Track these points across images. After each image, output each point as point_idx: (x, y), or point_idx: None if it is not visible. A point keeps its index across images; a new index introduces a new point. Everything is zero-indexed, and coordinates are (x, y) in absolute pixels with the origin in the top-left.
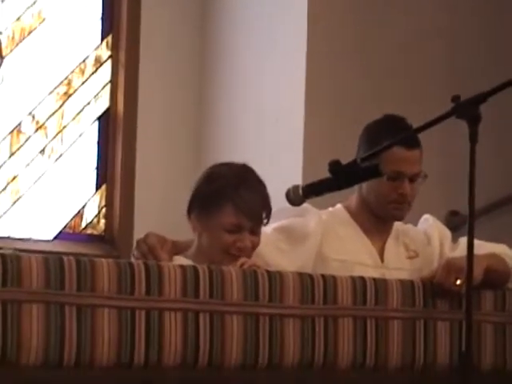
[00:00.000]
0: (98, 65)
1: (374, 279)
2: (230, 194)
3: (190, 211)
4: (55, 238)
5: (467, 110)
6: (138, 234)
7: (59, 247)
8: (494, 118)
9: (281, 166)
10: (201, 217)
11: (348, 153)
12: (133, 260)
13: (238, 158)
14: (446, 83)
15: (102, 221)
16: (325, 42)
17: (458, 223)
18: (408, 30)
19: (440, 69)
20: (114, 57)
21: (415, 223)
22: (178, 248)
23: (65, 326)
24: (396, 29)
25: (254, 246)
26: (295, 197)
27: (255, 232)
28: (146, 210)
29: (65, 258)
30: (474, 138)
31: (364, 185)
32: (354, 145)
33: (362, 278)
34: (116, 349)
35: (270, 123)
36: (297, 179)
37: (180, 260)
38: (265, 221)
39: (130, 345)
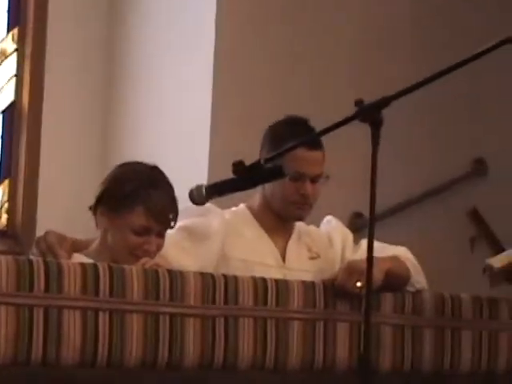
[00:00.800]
0: (3, 57)
1: (276, 280)
2: (141, 197)
3: (96, 207)
4: None
5: (370, 113)
6: (41, 229)
7: None
8: (397, 121)
9: (186, 165)
10: (108, 214)
11: (256, 153)
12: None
13: (143, 155)
14: (348, 84)
15: (5, 216)
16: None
17: (361, 225)
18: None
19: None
20: (19, 50)
21: (318, 224)
22: (77, 246)
23: None
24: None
25: (159, 248)
26: (198, 196)
27: (161, 235)
28: (50, 205)
29: None
30: (376, 141)
31: (267, 185)
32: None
33: (264, 279)
34: (13, 347)
35: (176, 121)
36: (202, 179)
37: (80, 258)
38: (172, 223)
39: (27, 343)
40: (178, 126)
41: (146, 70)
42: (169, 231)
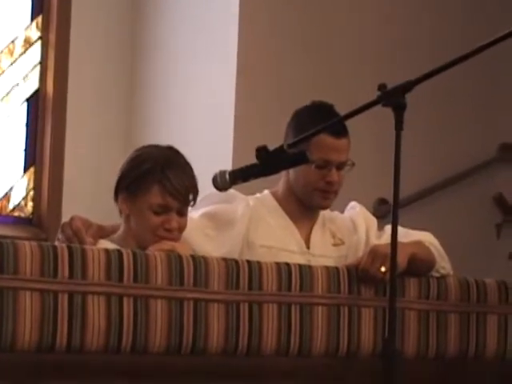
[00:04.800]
0: (28, 45)
1: (300, 265)
2: (156, 175)
3: (116, 194)
4: None
5: (393, 98)
6: (66, 217)
7: None
8: (422, 106)
9: (210, 151)
10: (128, 199)
11: (280, 139)
12: (57, 243)
13: (167, 141)
14: (375, 71)
15: (30, 203)
16: (257, 29)
17: (386, 211)
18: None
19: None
20: (43, 38)
21: (343, 210)
22: (103, 232)
23: None
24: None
25: (181, 227)
26: (222, 182)
27: (182, 213)
28: (75, 193)
29: None
30: (399, 126)
31: (291, 171)
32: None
33: (287, 264)
34: (38, 332)
35: (201, 107)
36: (226, 165)
37: (105, 244)
38: (191, 202)
39: (52, 328)
40: (202, 111)
41: (170, 55)
42: (192, 217)
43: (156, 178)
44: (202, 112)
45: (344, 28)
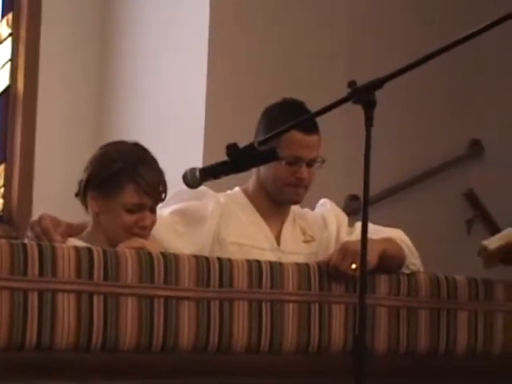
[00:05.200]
0: None
1: (270, 262)
2: (130, 174)
3: (84, 192)
4: None
5: (363, 95)
6: (37, 214)
7: None
8: (392, 102)
9: (181, 148)
10: (98, 198)
11: (250, 136)
12: (27, 241)
13: (138, 138)
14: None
15: (0, 201)
16: (228, 25)
17: (356, 208)
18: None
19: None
20: (14, 34)
21: (313, 207)
22: (72, 230)
23: None
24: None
25: (153, 223)
26: (192, 179)
27: (153, 210)
28: (45, 190)
29: None
30: (369, 123)
31: (262, 168)
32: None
33: (258, 262)
34: (8, 331)
35: (172, 105)
36: (197, 162)
37: (74, 242)
38: (162, 196)
39: (22, 326)
40: (172, 109)
41: (140, 54)
42: (162, 214)
43: (129, 176)
44: (173, 110)
45: (315, 24)
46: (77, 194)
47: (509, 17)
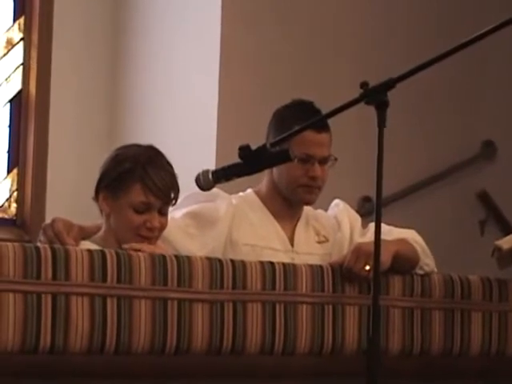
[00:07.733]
0: (10, 47)
1: (283, 264)
2: (138, 174)
3: (97, 193)
4: None
5: (375, 96)
6: (50, 218)
7: None
8: (405, 103)
9: (193, 150)
10: (109, 198)
11: (263, 138)
12: (40, 245)
13: (150, 141)
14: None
15: (14, 205)
16: (240, 26)
17: (370, 209)
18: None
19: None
20: (26, 39)
21: (326, 208)
22: (84, 233)
23: None
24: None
25: (163, 226)
26: (205, 182)
27: (163, 212)
28: (58, 194)
29: None
30: (382, 124)
31: (274, 169)
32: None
33: (271, 263)
34: (21, 334)
35: (185, 108)
36: (210, 164)
37: (87, 245)
38: (173, 201)
39: (35, 330)
40: (185, 110)
41: (153, 55)
42: (175, 216)
43: (138, 176)
44: (185, 112)
45: (326, 26)
46: (95, 199)
47: None
